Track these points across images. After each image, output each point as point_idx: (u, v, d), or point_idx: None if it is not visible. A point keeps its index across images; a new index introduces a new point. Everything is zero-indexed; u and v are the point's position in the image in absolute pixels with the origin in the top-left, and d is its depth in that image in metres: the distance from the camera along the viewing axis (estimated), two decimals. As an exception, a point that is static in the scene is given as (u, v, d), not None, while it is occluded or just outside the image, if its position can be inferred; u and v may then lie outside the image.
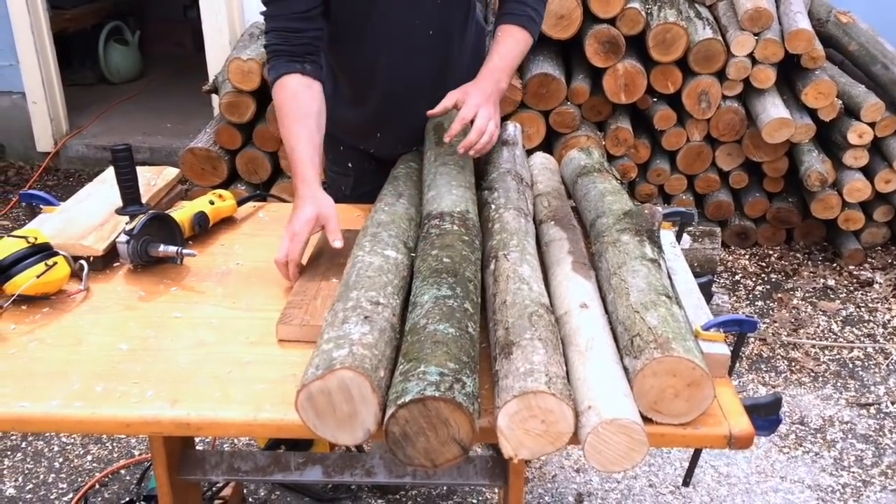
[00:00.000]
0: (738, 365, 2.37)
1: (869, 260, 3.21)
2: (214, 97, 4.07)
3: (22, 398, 1.18)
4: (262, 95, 3.12)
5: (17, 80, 4.20)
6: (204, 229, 1.64)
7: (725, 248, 3.29)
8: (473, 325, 1.19)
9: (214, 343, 1.33)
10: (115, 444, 2.32)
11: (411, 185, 1.65)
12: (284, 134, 1.52)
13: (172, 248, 1.50)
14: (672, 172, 3.20)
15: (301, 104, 1.52)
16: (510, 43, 1.62)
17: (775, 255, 3.28)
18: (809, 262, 3.24)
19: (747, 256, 3.27)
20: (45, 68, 4.22)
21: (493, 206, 1.54)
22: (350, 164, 1.87)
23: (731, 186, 3.27)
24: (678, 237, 1.65)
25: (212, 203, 1.68)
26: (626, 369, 1.14)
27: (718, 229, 2.77)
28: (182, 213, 1.60)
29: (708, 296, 1.46)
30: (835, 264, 3.21)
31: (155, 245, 1.50)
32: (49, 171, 4.26)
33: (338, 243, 1.45)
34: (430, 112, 1.60)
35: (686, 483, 1.50)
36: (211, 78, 3.87)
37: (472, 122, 1.55)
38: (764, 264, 3.22)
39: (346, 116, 1.74)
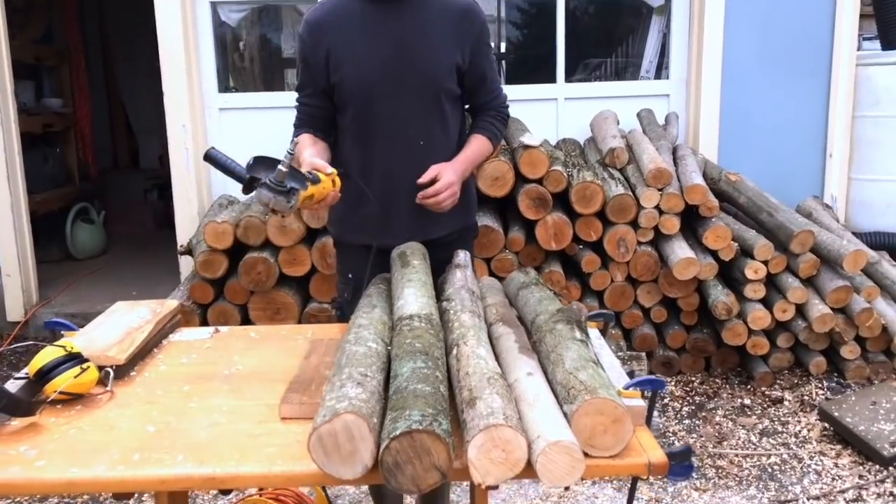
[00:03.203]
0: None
1: (778, 381, 3.62)
2: (182, 263, 4.43)
3: (71, 466, 1.42)
4: (234, 253, 3.49)
5: (-7, 255, 4.49)
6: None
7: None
8: (444, 387, 1.50)
9: (227, 423, 1.59)
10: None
11: (382, 299, 2.00)
12: (299, 159, 1.97)
13: (285, 156, 1.77)
14: (601, 310, 3.62)
15: (309, 141, 2.07)
16: (478, 147, 2.11)
17: (698, 381, 3.66)
18: (727, 385, 3.63)
19: (673, 383, 3.64)
20: (21, 245, 4.53)
21: (451, 312, 1.89)
22: (350, 276, 2.21)
23: (653, 321, 3.70)
24: (603, 334, 2.02)
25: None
26: (565, 415, 1.46)
27: (644, 354, 3.15)
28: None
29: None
30: (749, 386, 3.60)
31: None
32: (17, 339, 4.44)
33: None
34: (419, 180, 2.01)
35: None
36: (179, 243, 4.25)
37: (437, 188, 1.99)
38: (688, 389, 3.59)
39: (349, 215, 2.14)
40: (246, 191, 1.80)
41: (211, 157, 1.88)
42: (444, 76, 2.07)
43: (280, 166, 1.74)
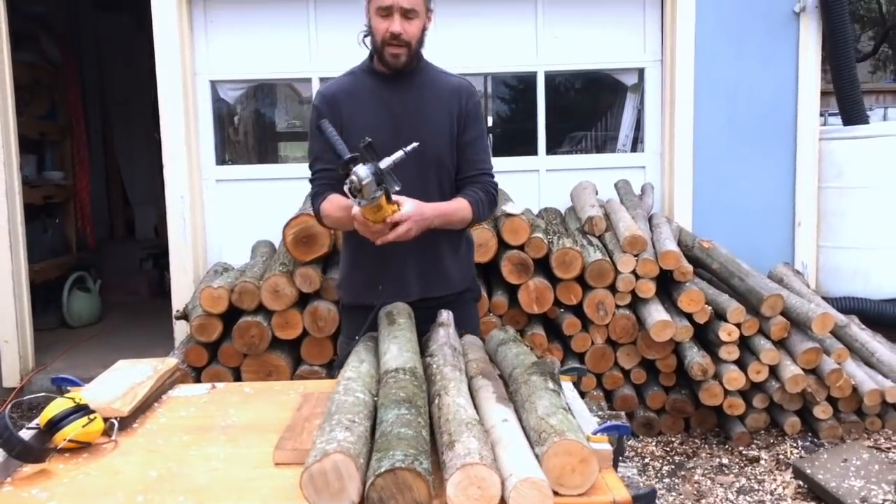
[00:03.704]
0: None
1: (755, 441, 3.73)
2: (177, 328, 4.56)
3: (80, 506, 1.54)
4: (229, 318, 3.62)
5: (-9, 322, 4.61)
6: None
7: (635, 438, 3.77)
8: (426, 432, 1.64)
9: (224, 468, 1.71)
10: None
11: (370, 355, 2.14)
12: (334, 212, 2.21)
13: (399, 153, 1.88)
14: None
15: (340, 197, 2.17)
16: (456, 205, 2.24)
17: (677, 441, 3.77)
18: (706, 445, 3.73)
19: (654, 443, 3.75)
20: (20, 312, 4.66)
21: (434, 366, 2.04)
22: (356, 337, 2.35)
23: (633, 382, 3.83)
24: (576, 387, 2.16)
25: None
26: (537, 456, 1.59)
27: (623, 414, 3.27)
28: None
29: (621, 451, 1.91)
30: (727, 445, 3.71)
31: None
32: (13, 405, 4.51)
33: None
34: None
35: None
36: (175, 309, 4.39)
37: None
38: (668, 449, 3.70)
39: (354, 277, 2.33)
40: (341, 169, 1.88)
41: (321, 129, 1.98)
42: (441, 147, 2.26)
43: (392, 158, 1.86)
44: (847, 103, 4.73)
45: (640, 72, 4.88)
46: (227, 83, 4.84)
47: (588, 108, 5.75)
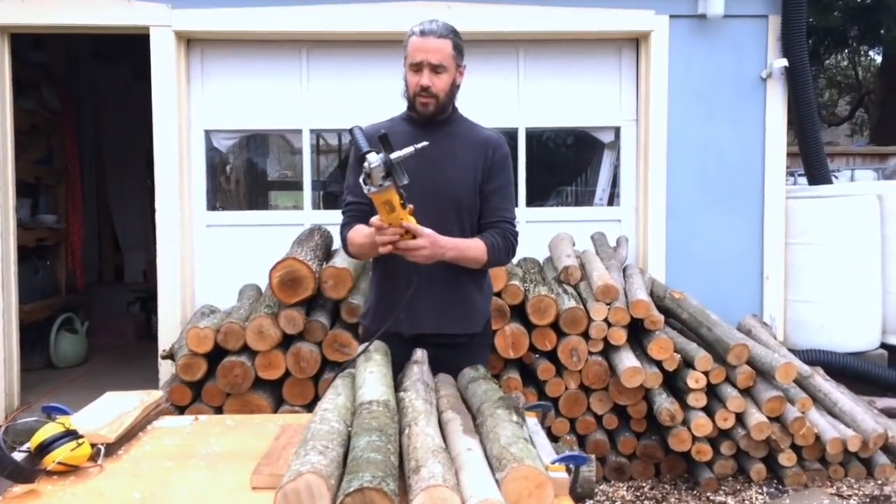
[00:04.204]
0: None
1: (722, 487, 3.83)
2: (161, 370, 4.65)
3: (68, 522, 1.65)
4: (214, 358, 3.73)
5: (-22, 361, 4.68)
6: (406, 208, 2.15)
7: (606, 483, 3.87)
8: (395, 458, 1.76)
9: (205, 493, 1.82)
10: None
11: (347, 389, 2.27)
12: (358, 238, 2.38)
13: (409, 149, 1.99)
14: (556, 416, 3.87)
15: (365, 226, 2.33)
16: (472, 243, 2.39)
17: (648, 487, 3.87)
18: (676, 491, 3.83)
19: (625, 488, 3.84)
20: (8, 351, 4.74)
21: (407, 400, 2.16)
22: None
23: (605, 427, 3.95)
24: (541, 423, 2.28)
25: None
26: (497, 481, 1.72)
27: (593, 456, 3.38)
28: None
29: (580, 480, 2.02)
30: (695, 491, 3.81)
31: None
32: (-5, 442, 4.57)
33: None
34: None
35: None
36: (161, 349, 4.50)
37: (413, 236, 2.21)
38: (639, 493, 3.79)
39: (380, 305, 2.48)
40: (360, 161, 2.03)
41: (352, 132, 2.13)
42: (461, 191, 2.45)
43: (402, 152, 2.00)
44: (812, 164, 4.97)
45: (617, 130, 5.11)
46: (221, 133, 5.03)
47: (567, 164, 5.98)
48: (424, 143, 2.10)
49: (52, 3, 4.61)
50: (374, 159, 2.01)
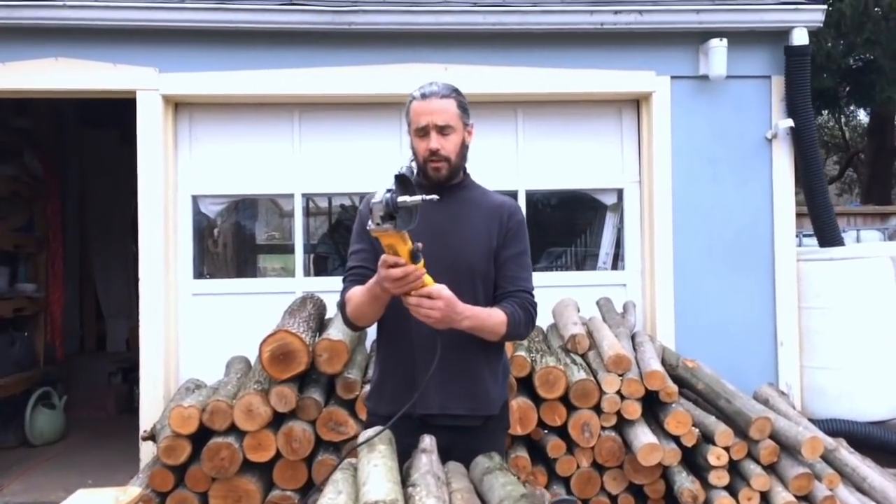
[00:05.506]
0: None
1: (750, 572, 3.56)
2: (143, 448, 4.36)
3: None
4: (199, 438, 3.46)
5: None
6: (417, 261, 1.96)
7: (625, 569, 3.58)
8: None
9: None
10: None
11: (348, 484, 2.02)
12: (357, 294, 2.19)
13: (417, 197, 1.83)
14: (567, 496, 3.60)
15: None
16: (492, 311, 2.19)
17: (670, 573, 3.58)
18: (700, 578, 3.54)
19: (645, 576, 3.56)
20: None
21: (416, 498, 1.92)
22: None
23: (621, 509, 3.68)
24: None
25: None
26: None
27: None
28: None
29: None
30: (722, 577, 3.52)
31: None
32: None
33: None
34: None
35: None
36: (142, 428, 4.21)
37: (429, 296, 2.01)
38: (660, 582, 3.51)
39: (387, 386, 2.28)
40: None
41: (400, 175, 1.93)
42: (475, 258, 2.27)
43: (410, 198, 1.84)
44: (823, 225, 4.82)
45: (619, 192, 4.96)
46: (209, 198, 4.85)
47: (568, 226, 5.81)
48: (434, 197, 1.93)
49: (37, 67, 4.47)
50: (379, 195, 1.85)
